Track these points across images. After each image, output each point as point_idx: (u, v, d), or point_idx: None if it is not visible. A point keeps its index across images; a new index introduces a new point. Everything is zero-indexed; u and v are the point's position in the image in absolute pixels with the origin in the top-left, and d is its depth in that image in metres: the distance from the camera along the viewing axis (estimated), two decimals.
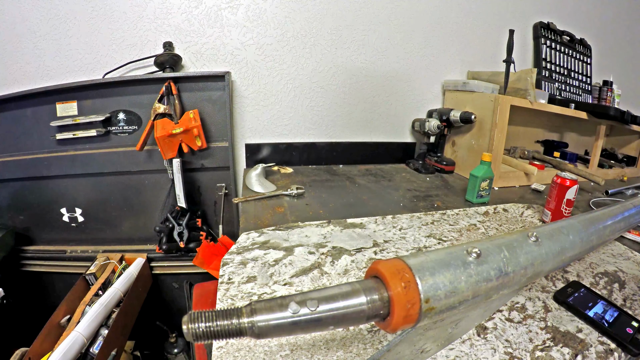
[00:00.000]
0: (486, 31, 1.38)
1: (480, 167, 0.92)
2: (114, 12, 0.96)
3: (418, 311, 0.22)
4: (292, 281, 0.52)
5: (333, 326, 0.21)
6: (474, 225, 0.77)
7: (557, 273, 0.59)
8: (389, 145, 1.35)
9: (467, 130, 1.20)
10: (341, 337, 0.41)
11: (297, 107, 1.19)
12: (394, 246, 0.65)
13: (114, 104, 1.00)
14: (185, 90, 1.01)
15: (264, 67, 1.12)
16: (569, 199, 0.77)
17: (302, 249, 0.61)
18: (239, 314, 0.19)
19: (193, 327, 0.18)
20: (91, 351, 0.78)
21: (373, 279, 0.23)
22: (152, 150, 1.02)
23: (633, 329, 0.45)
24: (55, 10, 0.93)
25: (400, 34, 1.25)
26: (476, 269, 0.25)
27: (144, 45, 1.01)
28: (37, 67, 0.97)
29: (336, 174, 1.16)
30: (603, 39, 1.70)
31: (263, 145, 1.18)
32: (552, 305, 0.50)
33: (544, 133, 1.56)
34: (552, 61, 1.51)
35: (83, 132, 0.98)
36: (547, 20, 1.49)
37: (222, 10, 1.04)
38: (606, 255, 0.67)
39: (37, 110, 0.97)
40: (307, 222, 0.72)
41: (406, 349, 0.31)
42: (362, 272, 0.56)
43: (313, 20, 1.13)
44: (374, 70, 1.25)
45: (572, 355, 0.41)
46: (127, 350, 1.01)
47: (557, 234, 0.33)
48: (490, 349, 0.41)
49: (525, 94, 1.15)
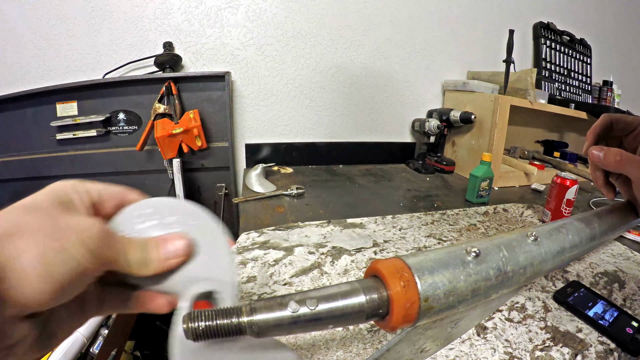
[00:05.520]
0: (486, 31, 1.38)
1: (480, 167, 0.92)
2: (114, 12, 0.96)
3: (417, 310, 0.22)
4: (292, 281, 0.52)
5: (332, 325, 0.21)
6: (474, 225, 0.77)
7: (557, 273, 0.59)
8: (389, 145, 1.35)
9: (467, 130, 1.20)
10: (341, 336, 0.41)
11: (297, 107, 1.20)
12: (394, 246, 0.65)
13: (114, 104, 1.00)
14: (185, 90, 1.01)
15: (264, 67, 1.12)
16: (569, 199, 0.77)
17: (302, 248, 0.61)
18: (238, 313, 0.19)
19: (193, 326, 0.18)
20: (91, 351, 0.78)
21: (372, 278, 0.23)
22: (152, 150, 1.02)
23: (633, 329, 0.45)
24: (56, 10, 0.93)
25: (400, 34, 1.25)
26: (475, 268, 0.25)
27: (144, 45, 1.01)
28: (37, 67, 0.97)
29: (336, 174, 1.16)
30: (603, 39, 1.71)
31: (263, 145, 1.18)
32: (552, 305, 0.50)
33: (544, 133, 1.57)
34: (552, 61, 1.51)
35: (83, 132, 0.98)
36: (547, 20, 1.49)
37: (222, 11, 1.04)
38: (606, 255, 0.67)
39: (37, 110, 0.97)
40: (307, 222, 0.72)
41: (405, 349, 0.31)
42: (362, 271, 0.56)
43: (313, 20, 1.13)
44: (374, 70, 1.25)
45: (572, 355, 0.41)
46: (127, 350, 1.01)
47: (556, 234, 0.33)
48: (490, 348, 0.41)
49: (525, 94, 1.15)
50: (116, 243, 0.21)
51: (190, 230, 0.24)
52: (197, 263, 0.23)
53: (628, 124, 0.41)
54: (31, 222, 0.18)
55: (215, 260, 0.24)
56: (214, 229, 0.25)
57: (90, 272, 0.19)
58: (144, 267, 0.22)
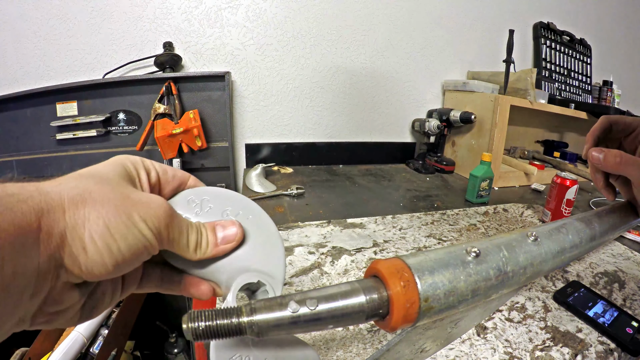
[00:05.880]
0: (486, 31, 1.38)
1: (480, 167, 0.92)
2: (114, 12, 0.96)
3: (417, 310, 0.22)
4: (292, 281, 0.52)
5: (332, 325, 0.21)
6: (474, 225, 0.77)
7: (557, 273, 0.59)
8: (389, 145, 1.35)
9: (467, 130, 1.20)
10: (341, 336, 0.41)
11: (297, 107, 1.20)
12: (394, 246, 0.65)
13: (114, 104, 1.00)
14: (185, 90, 1.01)
15: (264, 67, 1.12)
16: (569, 199, 0.77)
17: (302, 248, 0.61)
18: (238, 313, 0.19)
19: (193, 326, 0.18)
20: (91, 351, 0.78)
21: (372, 278, 0.23)
22: (152, 150, 1.02)
23: (633, 329, 0.45)
24: (56, 10, 0.93)
25: (400, 34, 1.25)
26: (475, 268, 0.25)
27: (144, 45, 1.01)
28: (37, 67, 0.97)
29: (336, 174, 1.16)
30: (603, 39, 1.71)
31: (263, 145, 1.18)
32: (552, 305, 0.50)
33: (544, 133, 1.57)
34: (552, 61, 1.51)
35: (83, 132, 0.98)
36: (547, 20, 1.49)
37: (222, 11, 1.04)
38: (606, 255, 0.67)
39: (37, 110, 0.97)
40: (307, 222, 0.72)
41: (406, 349, 0.31)
42: (362, 271, 0.56)
43: (313, 20, 1.13)
44: (374, 70, 1.25)
45: (572, 355, 0.41)
46: (127, 350, 1.01)
47: (556, 234, 0.33)
48: (490, 348, 0.41)
49: (525, 94, 1.15)
50: (179, 224, 0.21)
51: (243, 221, 0.24)
52: (246, 253, 0.23)
53: (627, 125, 0.41)
54: (101, 191, 0.18)
55: (265, 253, 0.24)
56: (267, 223, 0.25)
57: (151, 249, 0.19)
58: (198, 251, 0.22)
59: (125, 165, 0.21)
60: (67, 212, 0.16)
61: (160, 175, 0.24)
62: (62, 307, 0.18)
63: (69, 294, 0.18)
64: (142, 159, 0.23)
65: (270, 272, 0.23)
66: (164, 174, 0.24)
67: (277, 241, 0.25)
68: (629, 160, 0.35)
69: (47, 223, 0.15)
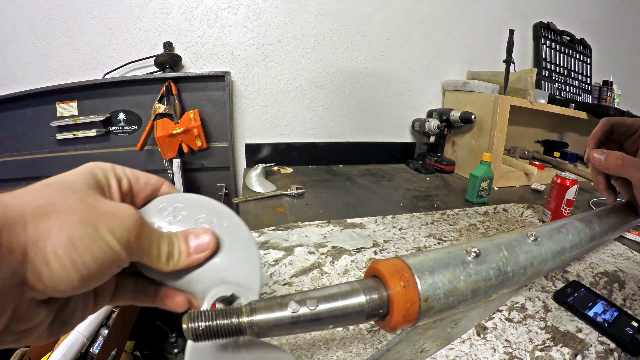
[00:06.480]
0: (486, 31, 1.38)
1: (480, 167, 0.92)
2: (114, 12, 0.96)
3: (417, 310, 0.22)
4: (292, 281, 0.52)
5: (332, 325, 0.21)
6: (474, 225, 0.77)
7: (557, 273, 0.59)
8: (389, 145, 1.35)
9: (467, 130, 1.20)
10: (341, 336, 0.41)
11: (297, 107, 1.20)
12: (394, 246, 0.65)
13: (114, 104, 1.00)
14: (185, 90, 1.01)
15: (264, 67, 1.12)
16: (569, 199, 0.77)
17: (302, 248, 0.61)
18: (238, 313, 0.19)
19: (193, 326, 0.18)
20: (91, 351, 0.78)
21: (372, 278, 0.23)
22: (152, 150, 1.02)
23: (633, 329, 0.45)
24: (55, 10, 0.93)
25: (400, 34, 1.25)
26: (475, 268, 0.25)
27: (144, 45, 1.01)
28: (37, 67, 0.97)
29: (336, 174, 1.16)
30: (603, 39, 1.71)
31: (263, 145, 1.18)
32: (552, 305, 0.50)
33: (543, 133, 1.57)
34: (552, 61, 1.51)
35: (83, 132, 0.98)
36: (547, 20, 1.49)
37: (222, 10, 1.04)
38: (606, 255, 0.67)
39: (37, 111, 0.97)
40: (307, 222, 0.72)
41: (406, 349, 0.31)
42: (362, 271, 0.56)
43: (313, 21, 1.13)
44: (374, 70, 1.25)
45: (572, 355, 0.41)
46: (127, 350, 1.01)
47: (556, 234, 0.33)
48: (490, 348, 0.41)
49: (525, 94, 1.16)
50: (149, 235, 0.20)
51: (217, 228, 0.23)
52: (222, 263, 0.23)
53: (628, 127, 0.41)
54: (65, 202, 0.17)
55: (240, 263, 0.23)
56: (242, 230, 0.24)
57: (120, 262, 0.18)
58: (171, 261, 0.21)
59: (94, 173, 0.21)
60: (29, 225, 0.15)
61: (132, 182, 0.23)
62: (29, 324, 0.17)
63: (36, 311, 0.17)
64: (114, 165, 0.22)
65: (246, 282, 0.22)
66: (136, 181, 0.23)
67: (252, 249, 0.24)
68: (630, 162, 0.35)
69: (7, 239, 0.15)
